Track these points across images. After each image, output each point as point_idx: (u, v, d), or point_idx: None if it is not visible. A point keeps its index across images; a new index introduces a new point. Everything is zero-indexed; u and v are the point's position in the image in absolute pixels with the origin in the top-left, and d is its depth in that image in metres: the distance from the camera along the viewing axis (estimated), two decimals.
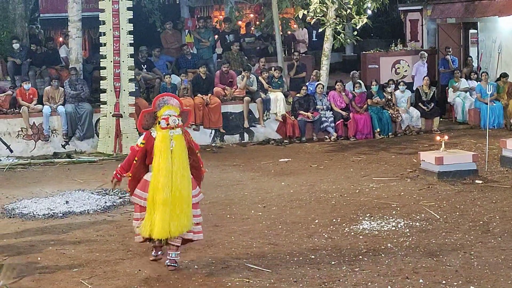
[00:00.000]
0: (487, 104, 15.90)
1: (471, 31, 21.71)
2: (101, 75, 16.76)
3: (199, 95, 17.41)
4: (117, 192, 12.49)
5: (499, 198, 11.42)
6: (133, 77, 16.78)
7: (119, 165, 8.82)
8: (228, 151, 16.89)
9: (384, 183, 12.75)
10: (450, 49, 20.65)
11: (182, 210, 8.36)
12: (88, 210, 11.50)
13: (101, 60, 16.81)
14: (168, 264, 8.63)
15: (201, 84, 17.72)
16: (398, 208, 10.96)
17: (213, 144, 17.38)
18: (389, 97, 18.36)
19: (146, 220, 8.41)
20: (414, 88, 19.16)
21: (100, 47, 16.90)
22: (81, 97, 16.88)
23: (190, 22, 22.93)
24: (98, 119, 16.74)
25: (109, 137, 16.52)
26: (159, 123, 8.43)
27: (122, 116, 16.52)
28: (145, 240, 8.74)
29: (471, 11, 20.57)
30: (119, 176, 8.78)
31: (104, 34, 16.65)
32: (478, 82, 19.16)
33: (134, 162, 8.63)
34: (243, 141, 17.61)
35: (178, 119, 8.43)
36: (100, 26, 16.76)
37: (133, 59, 16.86)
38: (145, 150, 8.56)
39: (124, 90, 16.57)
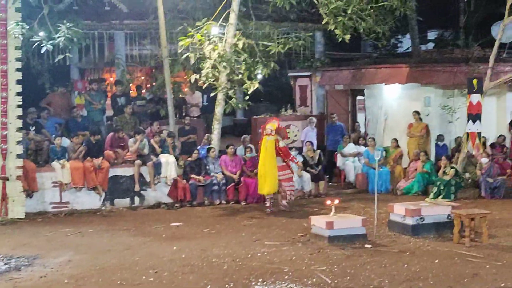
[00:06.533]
0: (374, 169, 16.28)
1: (359, 97, 22.37)
2: None
3: (89, 158, 17.15)
4: (2, 259, 12.08)
5: (388, 262, 11.63)
6: (21, 139, 16.35)
7: None
8: (119, 215, 16.61)
9: (276, 248, 12.80)
10: (335, 115, 21.14)
11: (271, 180, 16.07)
12: None
13: None
14: (282, 207, 16.57)
15: (91, 147, 17.46)
16: (290, 273, 11.00)
17: (103, 208, 17.09)
18: None
19: (259, 185, 16.38)
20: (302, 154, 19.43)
21: None
22: None
23: (80, 84, 22.72)
24: None
25: None
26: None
27: (8, 179, 16.03)
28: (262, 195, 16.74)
29: (358, 79, 21.22)
30: None
31: None
32: (366, 148, 19.64)
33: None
34: (133, 205, 17.36)
35: (271, 130, 16.09)
36: None
37: (21, 120, 16.46)
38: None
39: (11, 152, 16.11)
